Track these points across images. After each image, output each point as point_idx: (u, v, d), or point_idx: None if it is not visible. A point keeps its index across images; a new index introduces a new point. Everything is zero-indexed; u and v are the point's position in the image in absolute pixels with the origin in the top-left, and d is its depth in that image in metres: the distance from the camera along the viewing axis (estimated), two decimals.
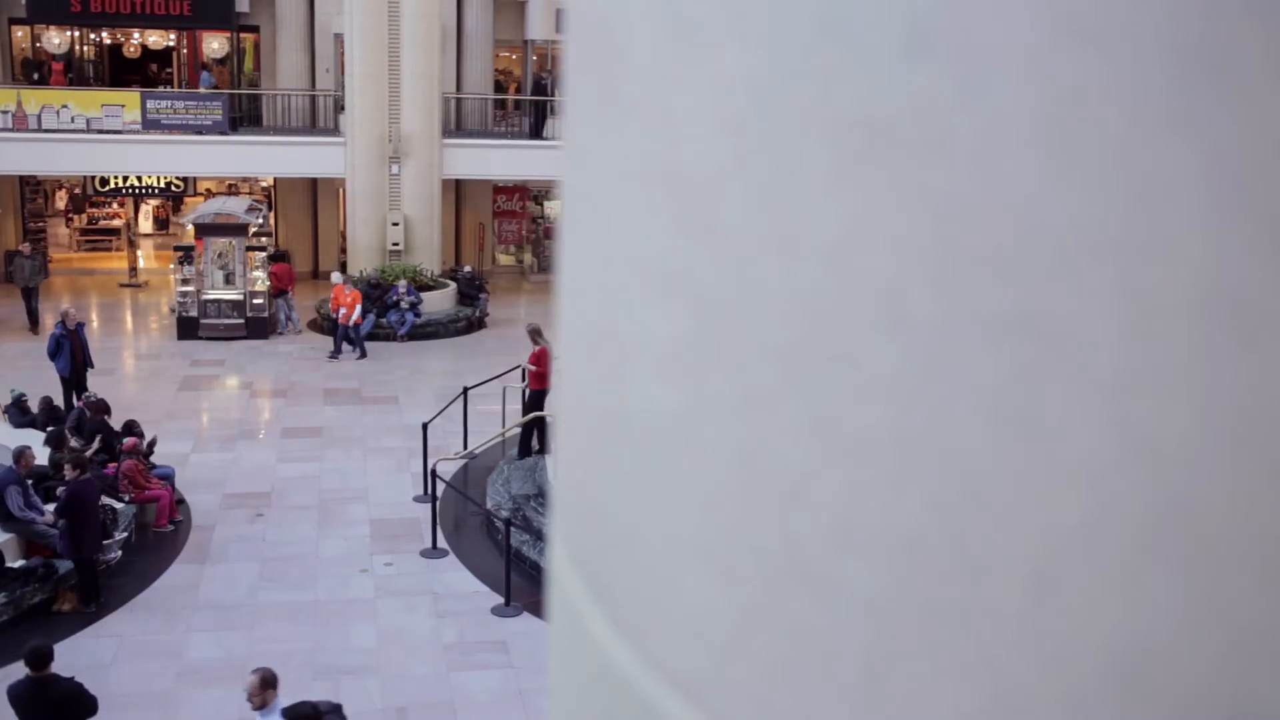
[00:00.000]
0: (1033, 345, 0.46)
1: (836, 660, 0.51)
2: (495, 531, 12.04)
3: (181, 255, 20.30)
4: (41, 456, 11.71)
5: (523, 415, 13.79)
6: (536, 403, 13.59)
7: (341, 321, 18.85)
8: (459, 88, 25.42)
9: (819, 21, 0.48)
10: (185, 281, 20.00)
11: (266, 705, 7.51)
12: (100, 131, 21.61)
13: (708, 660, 0.56)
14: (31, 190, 25.18)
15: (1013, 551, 0.47)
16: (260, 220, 22.54)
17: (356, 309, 18.99)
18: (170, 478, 12.57)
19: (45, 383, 15.50)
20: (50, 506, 10.99)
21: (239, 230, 20.10)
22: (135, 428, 12.98)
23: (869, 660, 0.50)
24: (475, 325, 21.54)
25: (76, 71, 25.86)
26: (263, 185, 26.68)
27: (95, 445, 12.51)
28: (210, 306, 19.70)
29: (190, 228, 20.87)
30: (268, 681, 7.55)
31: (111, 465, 12.17)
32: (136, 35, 27.21)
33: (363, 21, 21.63)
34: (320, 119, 25.04)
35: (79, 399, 14.31)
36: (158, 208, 29.08)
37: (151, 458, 12.79)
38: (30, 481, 11.04)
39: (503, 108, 27.30)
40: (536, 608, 10.74)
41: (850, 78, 0.47)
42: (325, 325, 20.93)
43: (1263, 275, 0.43)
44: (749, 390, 0.53)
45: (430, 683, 9.51)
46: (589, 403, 0.64)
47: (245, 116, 24.31)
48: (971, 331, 0.47)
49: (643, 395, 0.58)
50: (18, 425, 13.57)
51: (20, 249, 20.91)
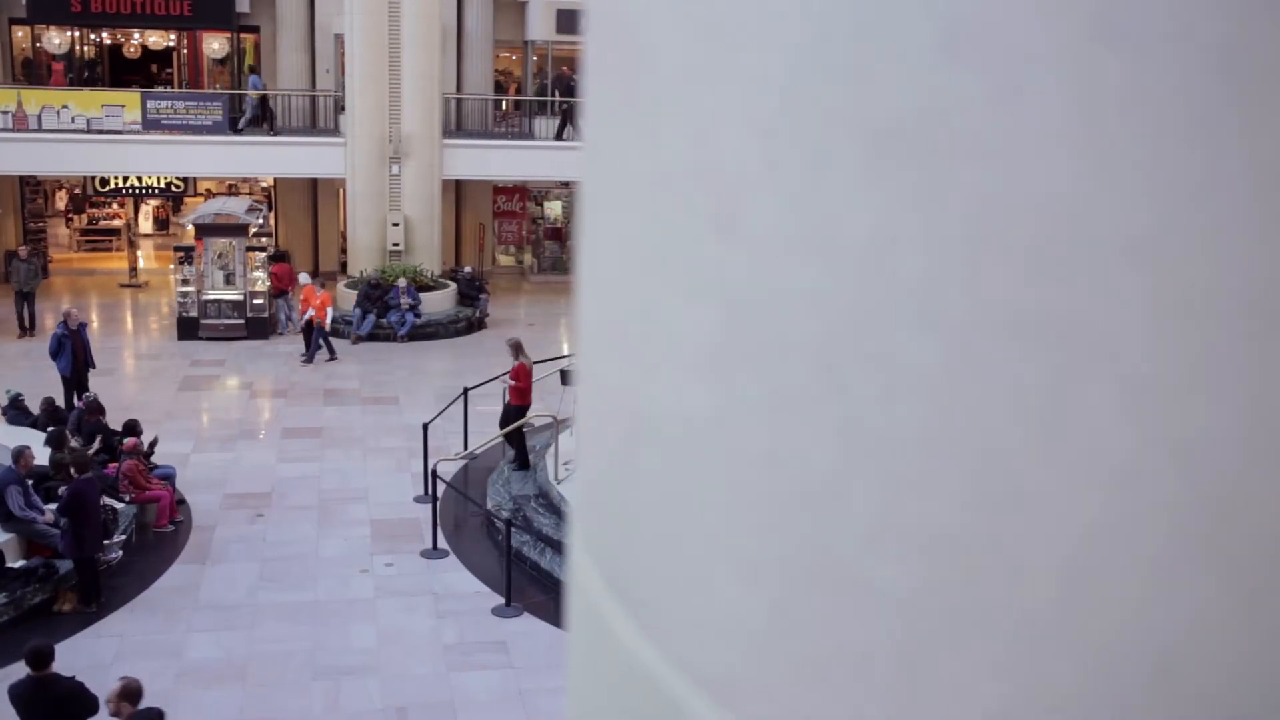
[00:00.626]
0: (1065, 345, 0.46)
1: (867, 660, 0.51)
2: (496, 532, 12.05)
3: (182, 255, 20.31)
4: (42, 456, 11.71)
5: (501, 428, 13.60)
6: (515, 417, 13.45)
7: (313, 323, 18.70)
8: (459, 88, 25.43)
9: (852, 23, 0.48)
10: (185, 282, 20.01)
11: (120, 716, 7.51)
12: (100, 132, 21.60)
13: (735, 660, 0.56)
14: (31, 190, 25.18)
15: (1047, 550, 0.47)
16: (260, 220, 22.54)
17: (328, 311, 18.90)
18: (171, 478, 12.57)
19: (46, 382, 15.50)
20: (51, 506, 10.98)
21: (239, 231, 20.11)
22: (136, 428, 12.98)
23: (901, 660, 0.50)
24: (475, 326, 21.54)
25: (76, 72, 25.85)
26: (263, 186, 26.68)
27: (96, 445, 12.50)
28: (210, 307, 19.70)
29: (190, 228, 20.88)
30: (127, 693, 7.52)
31: (112, 465, 12.16)
32: (137, 35, 27.20)
33: (363, 22, 21.63)
34: (321, 119, 25.04)
35: (80, 399, 14.31)
36: (158, 208, 29.09)
37: (152, 458, 12.79)
38: (30, 481, 11.04)
39: (501, 108, 27.30)
40: (537, 608, 10.74)
41: (883, 79, 0.48)
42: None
43: None
44: (779, 391, 0.53)
45: (430, 683, 9.51)
46: (613, 404, 0.64)
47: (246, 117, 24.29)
48: (1004, 331, 0.47)
49: (670, 396, 0.58)
50: (15, 425, 13.57)
51: (17, 252, 20.77)
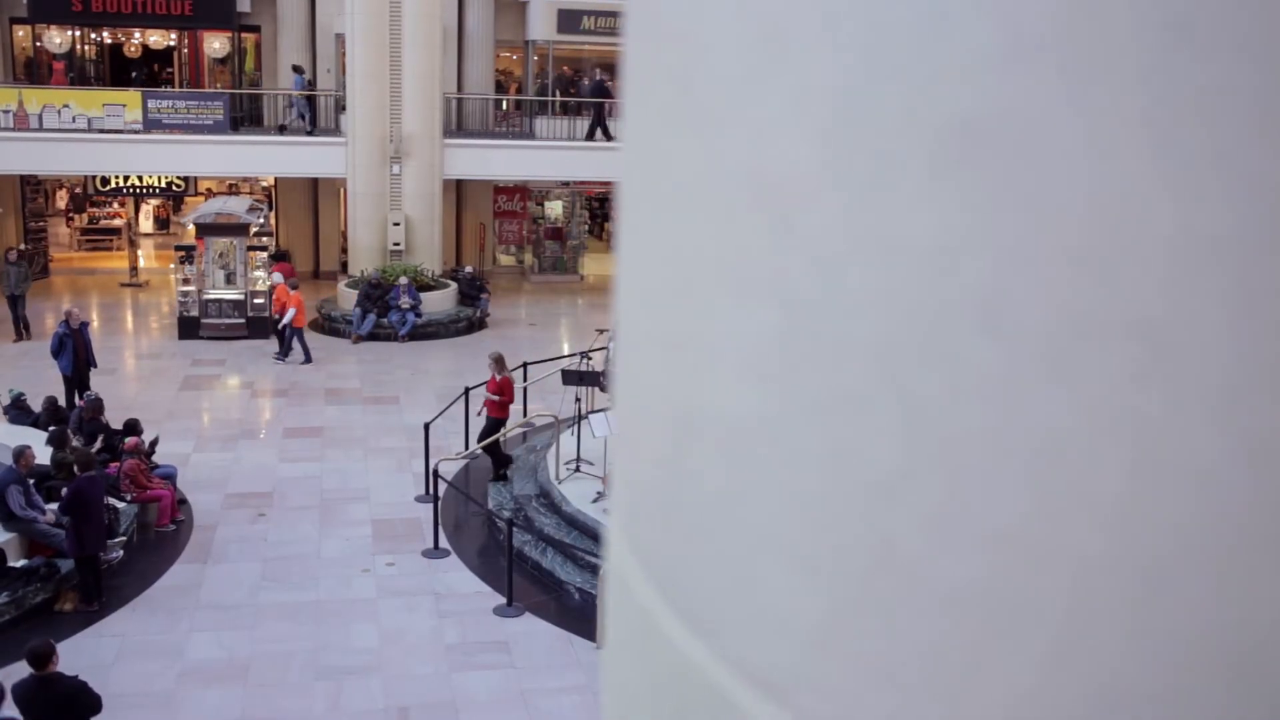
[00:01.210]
0: (1139, 346, 0.46)
1: (930, 658, 0.51)
2: (497, 532, 12.05)
3: (183, 255, 20.31)
4: (43, 456, 11.71)
5: (479, 442, 13.52)
6: (495, 430, 13.38)
7: (294, 323, 18.63)
8: (460, 88, 25.44)
9: (915, 26, 0.48)
10: (186, 281, 20.01)
11: None
12: (101, 131, 21.61)
13: (792, 658, 0.56)
14: (32, 190, 25.17)
15: (1121, 549, 0.47)
16: (261, 220, 22.54)
17: (294, 311, 18.87)
18: (172, 477, 12.57)
19: (47, 382, 15.51)
20: (53, 506, 10.99)
21: (240, 230, 20.11)
22: (136, 427, 12.98)
23: (964, 657, 0.50)
24: (476, 325, 21.56)
25: (78, 71, 25.85)
26: (263, 185, 26.68)
27: (98, 444, 12.50)
28: (211, 306, 19.70)
29: (191, 227, 20.88)
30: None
31: (113, 465, 12.16)
32: (137, 35, 27.20)
33: (364, 22, 21.64)
34: (321, 119, 25.04)
35: (81, 398, 14.31)
36: (158, 207, 29.10)
37: (153, 457, 12.79)
38: (32, 481, 11.04)
39: (502, 107, 27.31)
40: (538, 608, 10.74)
41: (950, 81, 0.48)
42: (326, 325, 20.96)
43: None
44: (839, 390, 0.53)
45: (432, 683, 9.51)
46: (661, 404, 0.64)
47: (246, 116, 24.31)
48: (1073, 333, 0.47)
49: (723, 397, 0.59)
50: (17, 425, 13.57)
51: (7, 254, 20.60)
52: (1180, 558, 0.47)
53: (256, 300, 20.03)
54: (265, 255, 21.20)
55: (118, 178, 24.83)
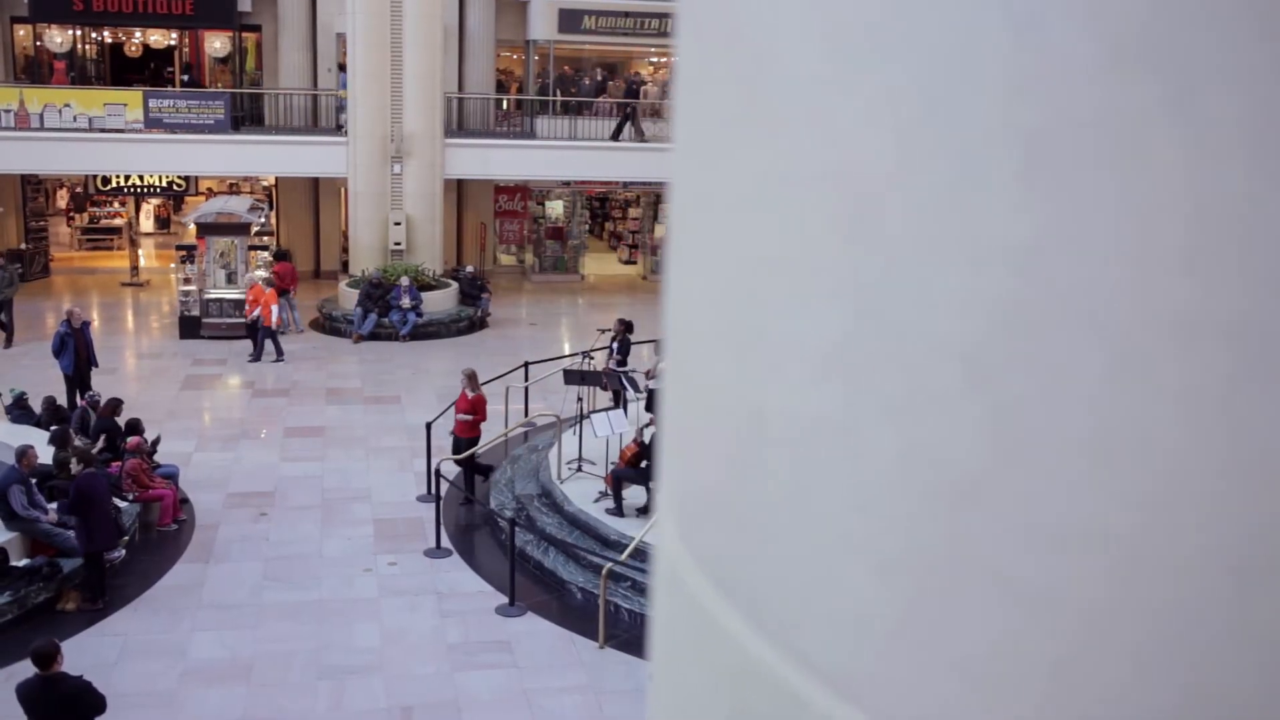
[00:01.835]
0: (1236, 345, 0.46)
1: (1011, 657, 0.52)
2: (499, 531, 12.05)
3: (184, 254, 20.30)
4: (45, 455, 11.70)
5: (456, 458, 13.04)
6: (467, 447, 12.95)
7: (265, 322, 18.60)
8: (461, 87, 25.43)
9: (1009, 35, 0.49)
10: (187, 280, 20.01)
11: None
12: (102, 130, 21.60)
13: (867, 656, 0.57)
14: (33, 189, 25.16)
15: (1218, 547, 0.48)
16: (263, 220, 22.54)
17: (273, 309, 18.84)
18: (174, 477, 12.56)
19: (48, 381, 15.50)
20: (55, 506, 10.99)
21: (241, 229, 20.10)
22: (138, 427, 12.98)
23: (1049, 657, 0.51)
24: (477, 325, 21.55)
25: (79, 70, 25.84)
26: (264, 185, 26.68)
27: (100, 444, 12.50)
28: (212, 306, 19.69)
29: (192, 227, 20.87)
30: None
31: (115, 464, 12.16)
32: (138, 34, 27.19)
33: (365, 21, 21.64)
34: (322, 119, 25.04)
35: (83, 398, 14.31)
36: (159, 207, 29.09)
37: (155, 456, 12.79)
38: (34, 480, 11.04)
39: (503, 107, 27.31)
40: (540, 608, 10.74)
41: (1045, 87, 0.48)
42: (327, 325, 20.96)
43: None
44: (920, 390, 0.53)
45: (435, 682, 9.51)
46: (727, 405, 0.64)
47: (247, 116, 24.30)
48: (1170, 333, 0.47)
49: (796, 396, 0.59)
50: (18, 424, 13.57)
51: None
52: (1277, 557, 0.47)
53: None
54: (267, 255, 21.19)
55: (118, 177, 24.82)
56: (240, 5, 25.18)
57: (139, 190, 25.83)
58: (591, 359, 16.13)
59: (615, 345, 15.50)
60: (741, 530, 0.63)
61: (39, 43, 25.61)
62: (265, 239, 23.15)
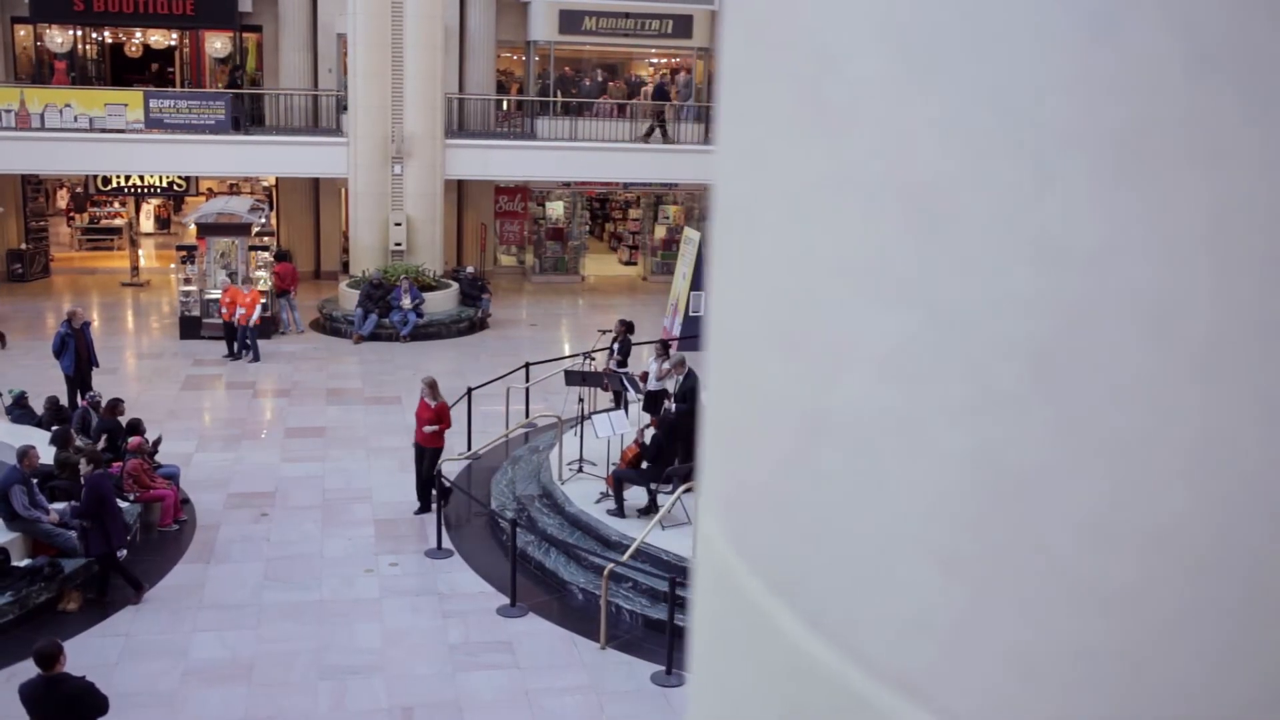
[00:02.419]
0: None
1: (1083, 656, 0.52)
2: (500, 532, 12.05)
3: (184, 254, 20.30)
4: (46, 455, 11.71)
5: (424, 470, 12.74)
6: (434, 459, 12.68)
7: (240, 322, 18.60)
8: (461, 88, 25.44)
9: (1085, 36, 0.49)
10: (188, 281, 20.01)
11: None
12: (103, 130, 21.60)
13: (931, 656, 0.57)
14: (33, 189, 25.16)
15: None
16: (263, 220, 22.54)
17: (256, 309, 18.83)
18: (175, 477, 12.57)
19: (49, 381, 15.50)
20: (57, 506, 10.99)
21: (242, 230, 20.10)
22: (139, 427, 12.98)
23: (1129, 657, 0.51)
24: (477, 326, 21.57)
25: (79, 70, 25.84)
26: (264, 185, 26.68)
27: (102, 444, 12.50)
28: (213, 306, 19.69)
29: (192, 227, 20.87)
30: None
31: (116, 464, 12.16)
32: (139, 34, 27.19)
33: (365, 22, 21.65)
34: (323, 119, 25.04)
35: (84, 398, 14.31)
36: (159, 207, 29.09)
37: (156, 457, 12.79)
38: (35, 480, 11.04)
39: (503, 108, 27.32)
40: (541, 608, 10.75)
41: (1122, 90, 0.49)
42: (327, 325, 20.96)
43: None
44: (988, 391, 0.54)
45: (436, 683, 9.51)
46: (783, 405, 0.65)
47: (248, 116, 24.30)
48: (1246, 336, 0.48)
49: (858, 396, 0.59)
50: (19, 424, 13.58)
51: None
52: None
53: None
54: (268, 255, 21.19)
55: (119, 177, 24.82)
56: (241, 5, 25.18)
57: (139, 190, 25.83)
58: (593, 360, 16.13)
59: (616, 346, 15.50)
60: (798, 530, 0.64)
61: (39, 43, 25.60)
62: (266, 239, 23.14)
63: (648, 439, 11.96)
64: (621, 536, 11.27)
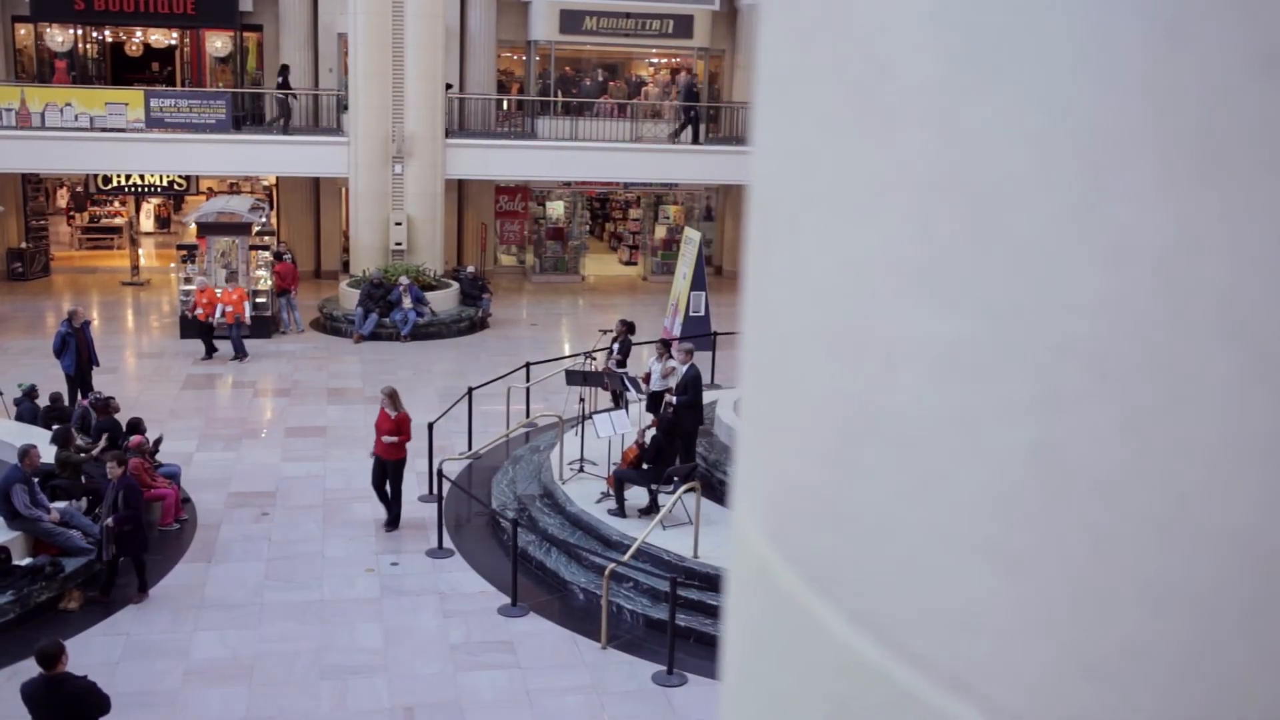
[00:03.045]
0: None
1: (1147, 655, 0.52)
2: (501, 532, 12.06)
3: (185, 254, 20.29)
4: (47, 455, 11.71)
5: (386, 483, 12.36)
6: (397, 471, 12.31)
7: (227, 320, 18.58)
8: (462, 88, 25.44)
9: (1155, 38, 0.49)
10: (188, 280, 20.00)
11: None
12: (103, 130, 21.59)
13: (982, 652, 0.57)
14: (33, 188, 25.15)
15: None
16: (264, 220, 22.53)
17: (246, 306, 18.81)
18: (175, 476, 12.56)
19: (50, 380, 15.50)
20: (58, 505, 11.00)
21: (242, 229, 20.10)
22: (139, 426, 12.98)
23: (1188, 656, 0.51)
24: (478, 325, 21.57)
25: (80, 69, 25.84)
26: (264, 184, 26.68)
27: (102, 444, 12.50)
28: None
29: (193, 226, 20.86)
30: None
31: None
32: (139, 34, 27.18)
33: (366, 21, 21.65)
34: (323, 118, 25.04)
35: (84, 397, 14.30)
36: (159, 206, 29.08)
37: (156, 456, 12.79)
38: (36, 479, 11.04)
39: (503, 107, 27.32)
40: (543, 608, 10.75)
41: (1191, 94, 0.49)
42: (328, 325, 20.96)
43: None
44: (1049, 391, 0.54)
45: (437, 682, 9.52)
46: (829, 404, 0.65)
47: (248, 115, 24.31)
48: None
49: (910, 395, 0.59)
50: (31, 417, 13.61)
51: None
52: None
53: (259, 299, 20.04)
54: (269, 255, 21.18)
55: (119, 176, 24.82)
56: (241, 5, 25.18)
57: (139, 189, 25.83)
58: (593, 359, 16.14)
59: (616, 346, 15.51)
60: (846, 528, 0.64)
61: (40, 42, 25.60)
62: (266, 239, 23.13)
63: (649, 440, 11.96)
64: (622, 536, 11.27)
